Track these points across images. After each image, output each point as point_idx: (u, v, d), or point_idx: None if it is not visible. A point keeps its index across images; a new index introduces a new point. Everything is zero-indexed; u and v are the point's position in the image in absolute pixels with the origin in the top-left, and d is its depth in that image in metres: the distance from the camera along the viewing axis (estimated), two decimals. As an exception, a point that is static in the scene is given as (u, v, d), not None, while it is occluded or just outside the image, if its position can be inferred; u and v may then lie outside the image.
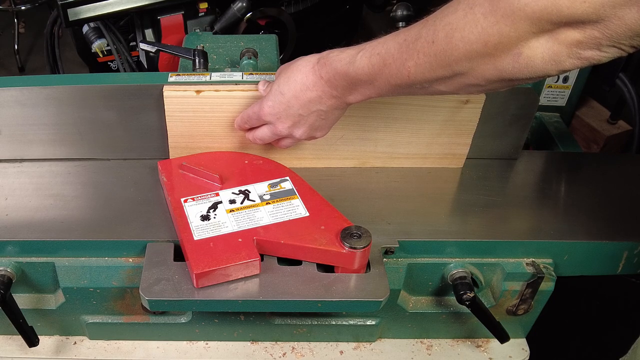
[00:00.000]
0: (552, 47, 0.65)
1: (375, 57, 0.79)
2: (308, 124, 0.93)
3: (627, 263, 1.02)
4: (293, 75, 0.89)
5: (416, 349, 1.11)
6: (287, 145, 1.00)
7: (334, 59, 0.84)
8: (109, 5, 1.68)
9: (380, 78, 0.80)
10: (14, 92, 1.01)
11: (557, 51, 0.65)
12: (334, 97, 0.87)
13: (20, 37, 2.85)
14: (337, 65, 0.83)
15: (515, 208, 1.05)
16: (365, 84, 0.83)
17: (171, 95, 1.01)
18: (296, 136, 0.95)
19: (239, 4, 1.76)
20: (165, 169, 1.03)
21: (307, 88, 0.88)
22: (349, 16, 2.60)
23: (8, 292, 0.92)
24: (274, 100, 0.92)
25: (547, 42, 0.65)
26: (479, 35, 0.67)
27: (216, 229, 0.90)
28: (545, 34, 0.64)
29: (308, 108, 0.90)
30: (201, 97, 1.01)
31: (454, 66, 0.72)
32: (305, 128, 0.93)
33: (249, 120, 0.99)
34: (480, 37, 0.67)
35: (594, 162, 1.20)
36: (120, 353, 1.08)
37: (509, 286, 1.00)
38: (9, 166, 1.09)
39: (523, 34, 0.65)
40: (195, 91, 1.00)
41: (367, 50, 0.80)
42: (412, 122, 1.06)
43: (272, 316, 1.05)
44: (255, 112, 0.96)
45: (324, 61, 0.86)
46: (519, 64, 0.68)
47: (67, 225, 0.96)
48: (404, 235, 0.97)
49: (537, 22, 0.63)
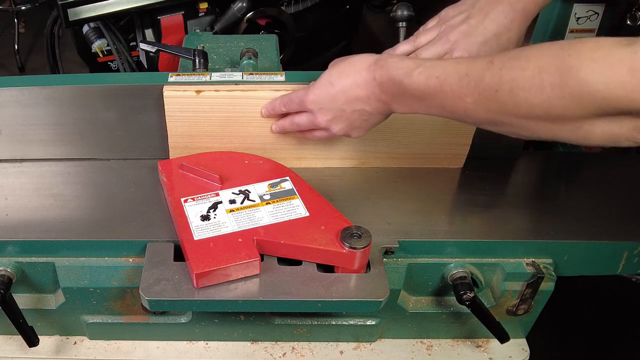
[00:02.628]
0: (613, 129, 0.66)
1: (433, 79, 0.79)
2: (348, 121, 0.92)
3: (627, 263, 1.02)
4: (346, 70, 0.89)
5: (416, 349, 1.11)
6: (320, 137, 0.99)
7: (391, 65, 0.84)
8: (109, 5, 1.68)
9: (434, 100, 0.80)
10: (14, 92, 1.02)
11: (617, 133, 0.66)
12: (381, 101, 0.87)
13: (20, 37, 2.85)
14: (393, 72, 0.83)
15: (515, 208, 1.05)
16: (415, 100, 0.83)
17: (171, 95, 1.01)
18: (333, 131, 0.94)
19: (239, 4, 1.76)
20: (165, 169, 1.03)
21: (358, 85, 0.87)
22: (349, 16, 2.60)
23: (8, 292, 0.92)
24: (322, 89, 0.91)
25: (610, 123, 0.65)
26: (543, 102, 0.67)
27: (216, 229, 0.90)
28: (609, 116, 0.64)
29: (353, 105, 0.89)
30: (201, 97, 1.01)
31: (512, 118, 0.72)
32: (344, 125, 0.93)
33: (289, 104, 0.97)
34: (544, 104, 0.67)
35: (594, 162, 1.20)
36: (120, 353, 1.08)
37: (509, 286, 1.00)
38: (9, 166, 1.09)
39: (588, 114, 0.65)
40: (195, 91, 1.00)
41: (427, 68, 0.80)
42: (412, 121, 1.06)
43: (272, 316, 1.05)
44: (300, 97, 0.95)
45: (381, 63, 0.85)
46: (576, 135, 0.68)
47: (67, 225, 0.96)
48: (404, 235, 0.97)
49: (605, 108, 0.63)
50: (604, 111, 0.64)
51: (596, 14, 1.32)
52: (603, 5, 1.30)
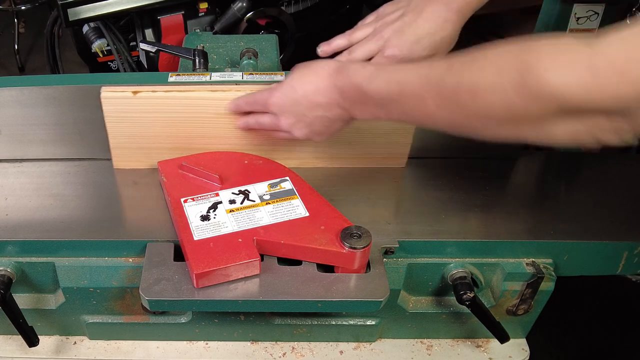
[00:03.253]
0: (575, 128, 0.65)
1: (394, 84, 0.78)
2: (310, 127, 0.92)
3: (627, 263, 1.02)
4: (309, 76, 0.89)
5: (416, 349, 1.11)
6: (282, 138, 1.00)
7: (352, 71, 0.84)
8: (109, 5, 1.68)
9: (395, 105, 0.79)
10: (14, 92, 1.02)
11: (580, 132, 0.65)
12: (342, 108, 0.87)
13: (20, 37, 2.85)
14: (354, 79, 0.83)
15: (515, 208, 1.05)
16: (377, 105, 0.82)
17: (108, 96, 0.99)
18: (295, 134, 0.95)
19: (239, 4, 1.76)
20: (165, 169, 1.03)
21: (319, 92, 0.87)
22: (349, 16, 2.60)
23: (8, 292, 0.92)
24: (284, 93, 0.91)
25: (572, 123, 0.65)
26: (504, 103, 0.66)
27: (216, 229, 0.90)
28: (571, 116, 0.64)
29: (314, 111, 0.89)
30: (138, 98, 1.00)
31: (474, 120, 0.71)
32: (306, 130, 0.93)
33: (253, 105, 0.98)
34: (505, 105, 0.66)
35: (594, 162, 1.20)
36: (120, 353, 1.08)
37: (509, 286, 1.00)
38: (9, 166, 1.09)
39: (549, 114, 0.64)
40: (132, 92, 0.99)
41: (387, 73, 0.80)
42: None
43: (272, 316, 1.05)
44: (263, 98, 0.95)
45: (342, 70, 0.85)
46: (539, 135, 0.68)
47: (67, 225, 0.96)
48: (404, 235, 0.97)
49: (566, 107, 0.62)
50: (565, 110, 0.63)
51: (596, 14, 1.31)
52: (603, 5, 1.30)
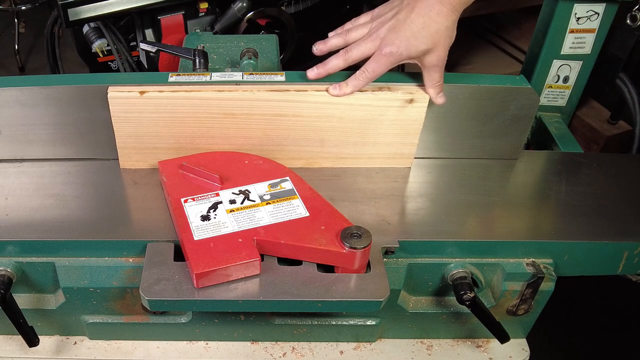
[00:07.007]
0: None
1: None
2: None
3: (627, 263, 1.02)
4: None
5: (416, 349, 1.11)
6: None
7: None
8: (109, 5, 1.68)
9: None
10: (14, 92, 1.02)
11: None
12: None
13: (20, 37, 2.85)
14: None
15: (515, 208, 1.05)
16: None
17: (115, 96, 1.00)
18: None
19: (239, 4, 1.76)
20: (165, 169, 1.03)
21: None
22: (349, 16, 2.60)
23: (8, 292, 0.92)
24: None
25: None
26: None
27: (216, 229, 0.90)
28: None
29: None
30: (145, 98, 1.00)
31: None
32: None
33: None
34: None
35: (594, 162, 1.20)
36: (120, 353, 1.08)
37: (509, 286, 1.00)
38: (9, 166, 1.09)
39: None
40: (139, 92, 1.00)
41: None
42: (357, 121, 1.06)
43: (272, 316, 1.05)
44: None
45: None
46: None
47: (67, 225, 0.96)
48: (404, 235, 0.97)
49: None
50: None
51: (596, 14, 1.32)
52: (603, 5, 1.30)
